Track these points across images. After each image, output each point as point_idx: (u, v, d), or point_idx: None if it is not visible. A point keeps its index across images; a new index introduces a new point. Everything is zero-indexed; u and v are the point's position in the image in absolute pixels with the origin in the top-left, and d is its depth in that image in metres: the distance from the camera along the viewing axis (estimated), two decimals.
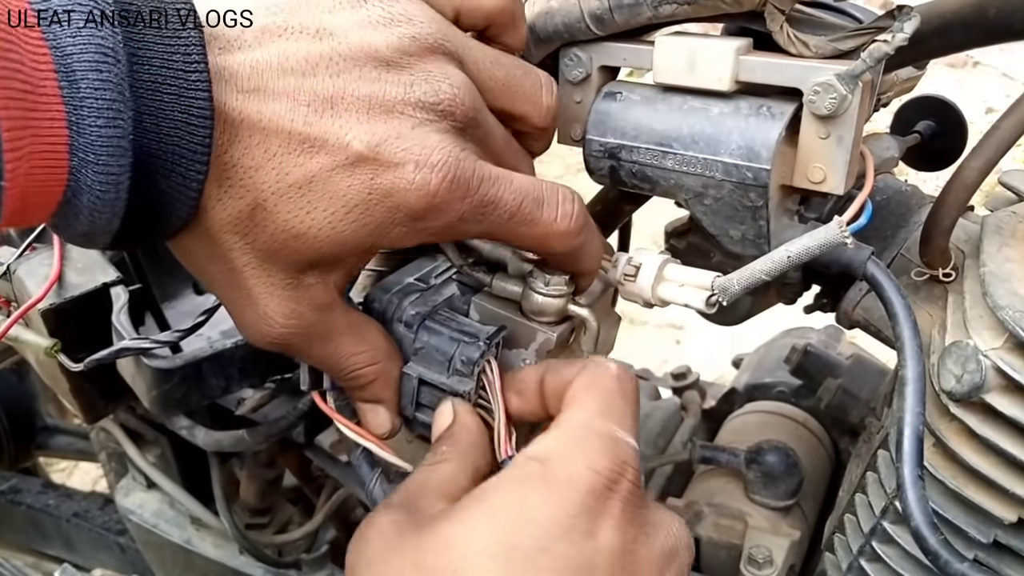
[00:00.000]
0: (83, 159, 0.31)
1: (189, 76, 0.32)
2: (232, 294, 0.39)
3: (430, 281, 0.47)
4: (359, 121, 0.35)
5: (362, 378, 0.43)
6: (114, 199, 0.32)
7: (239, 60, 0.34)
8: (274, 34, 0.35)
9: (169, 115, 0.32)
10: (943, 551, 0.41)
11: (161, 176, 0.33)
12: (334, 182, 0.35)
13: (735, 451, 0.75)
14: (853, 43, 0.43)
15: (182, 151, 0.33)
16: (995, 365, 0.44)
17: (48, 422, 1.26)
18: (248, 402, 0.68)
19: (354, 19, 0.37)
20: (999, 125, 0.47)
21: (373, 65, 0.36)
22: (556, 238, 0.40)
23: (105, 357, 0.54)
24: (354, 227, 0.36)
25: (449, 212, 0.37)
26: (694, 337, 2.57)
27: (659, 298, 0.45)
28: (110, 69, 0.30)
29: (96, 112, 0.30)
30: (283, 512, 0.90)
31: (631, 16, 0.47)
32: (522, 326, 0.45)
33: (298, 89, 0.35)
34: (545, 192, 0.40)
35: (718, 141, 0.46)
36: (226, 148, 0.34)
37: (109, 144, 0.31)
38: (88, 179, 0.31)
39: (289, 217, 0.35)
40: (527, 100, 0.43)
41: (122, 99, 0.31)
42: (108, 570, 1.10)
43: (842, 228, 0.41)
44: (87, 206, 0.32)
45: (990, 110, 3.65)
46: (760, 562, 0.68)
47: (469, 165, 0.37)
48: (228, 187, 0.35)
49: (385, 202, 0.36)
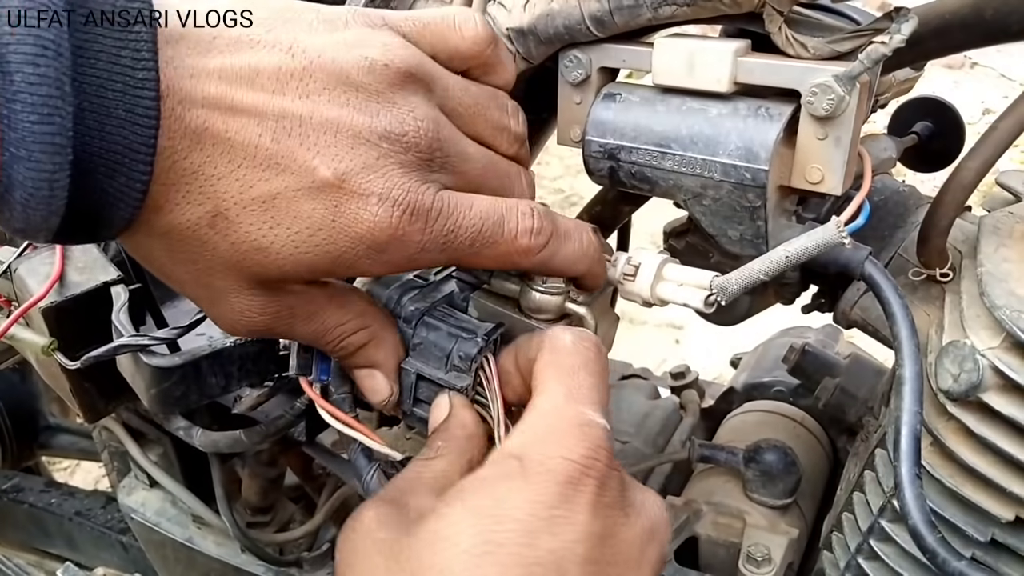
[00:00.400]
0: (14, 154, 0.30)
1: (136, 74, 0.31)
2: (201, 292, 0.39)
3: (429, 278, 0.48)
4: (327, 145, 0.35)
5: (351, 345, 0.43)
6: (48, 196, 0.31)
7: (210, 64, 0.34)
8: (247, 45, 0.35)
9: (113, 113, 0.31)
10: (941, 549, 0.41)
11: (103, 176, 0.32)
12: (298, 203, 0.35)
13: (734, 450, 0.75)
14: (851, 44, 0.44)
15: (125, 151, 0.32)
16: (992, 364, 0.44)
17: (50, 421, 1.26)
18: (246, 400, 0.68)
19: (329, 40, 0.37)
20: (996, 126, 0.47)
21: (343, 89, 0.36)
22: (519, 255, 0.41)
23: (103, 354, 0.55)
24: (317, 251, 0.36)
25: (410, 245, 0.37)
26: (693, 337, 2.58)
27: (658, 297, 0.45)
28: (48, 63, 0.29)
29: (29, 107, 0.29)
30: (284, 510, 0.90)
31: (631, 18, 0.47)
32: (520, 323, 0.45)
33: (267, 104, 0.35)
34: (505, 211, 0.40)
35: (717, 142, 0.46)
36: (186, 154, 0.34)
37: (42, 141, 0.30)
38: (20, 175, 0.30)
39: (251, 229, 0.35)
40: (494, 127, 0.43)
41: (60, 95, 0.30)
42: (110, 569, 1.10)
43: (840, 228, 0.41)
44: (20, 202, 0.31)
45: (987, 111, 3.64)
46: (759, 560, 0.68)
47: (428, 198, 0.37)
48: (187, 192, 0.34)
49: (348, 232, 0.36)
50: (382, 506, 0.37)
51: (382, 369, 0.44)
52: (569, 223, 0.43)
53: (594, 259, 0.44)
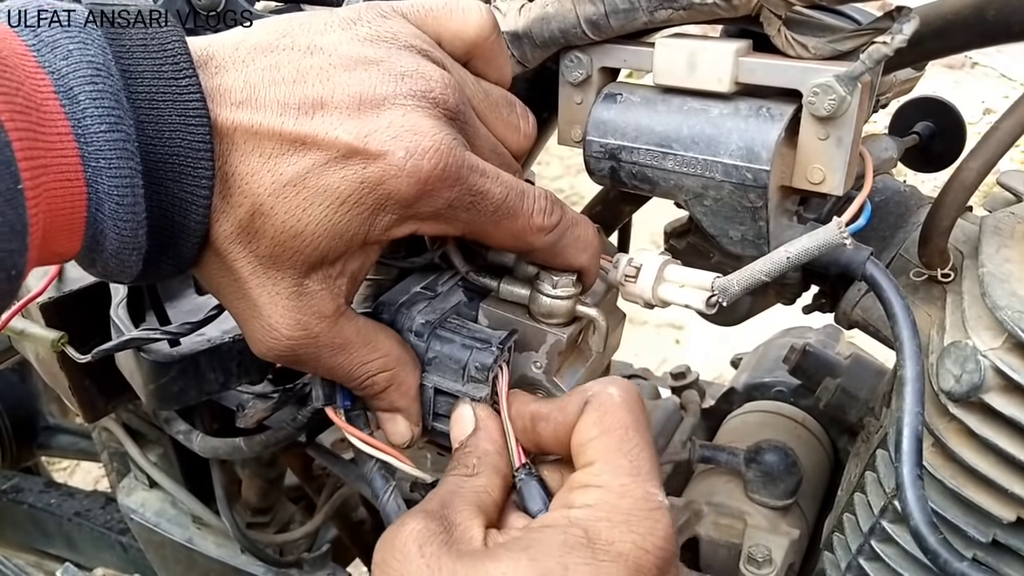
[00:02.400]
0: (96, 167, 0.32)
1: (180, 82, 0.34)
2: (239, 305, 0.39)
3: (437, 289, 0.47)
4: (349, 116, 0.36)
5: (375, 386, 0.43)
6: (132, 203, 0.33)
7: (233, 77, 0.36)
8: (266, 50, 0.37)
9: (168, 120, 0.33)
10: (942, 550, 0.41)
11: (173, 181, 0.34)
12: (327, 176, 0.36)
13: (734, 450, 0.75)
14: (852, 44, 0.44)
15: (186, 152, 0.34)
16: (994, 365, 0.44)
17: (50, 421, 1.26)
18: (250, 412, 0.68)
19: (344, 37, 0.38)
20: (998, 126, 0.47)
21: (363, 68, 0.37)
22: (534, 232, 0.41)
23: (113, 348, 0.54)
24: (348, 217, 0.37)
25: (438, 198, 0.38)
26: (693, 337, 2.58)
27: (660, 299, 0.45)
28: (104, 81, 0.32)
29: (98, 119, 0.32)
30: (284, 511, 0.90)
31: (627, 21, 0.47)
32: (532, 329, 0.45)
33: (288, 95, 0.36)
34: (525, 189, 0.41)
35: (718, 142, 0.46)
36: (225, 159, 0.35)
37: (116, 147, 0.32)
38: (104, 186, 0.32)
39: (286, 217, 0.36)
40: (507, 124, 0.44)
41: (120, 107, 0.32)
42: (110, 569, 1.10)
43: (841, 229, 0.41)
44: (110, 215, 0.33)
45: (988, 111, 3.65)
46: (759, 561, 0.68)
47: (459, 153, 0.38)
48: (229, 197, 0.36)
49: (377, 190, 0.36)
50: (426, 520, 0.37)
51: (404, 413, 0.44)
52: (575, 213, 0.44)
53: (596, 251, 0.45)
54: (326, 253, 0.37)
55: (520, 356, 0.45)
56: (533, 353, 0.45)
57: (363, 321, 0.42)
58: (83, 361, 0.56)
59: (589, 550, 0.34)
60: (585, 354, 0.47)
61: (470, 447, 0.41)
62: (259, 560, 0.84)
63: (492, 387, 0.43)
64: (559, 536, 0.35)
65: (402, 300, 0.46)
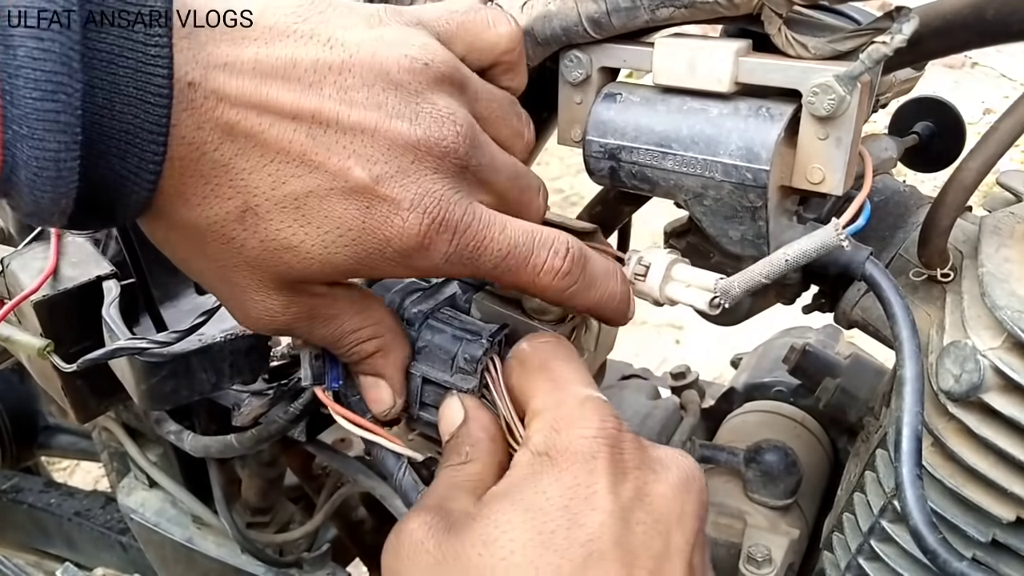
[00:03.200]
0: (17, 132, 0.29)
1: (148, 50, 0.30)
2: (222, 287, 0.38)
3: (431, 280, 0.48)
4: (363, 146, 0.35)
5: (362, 351, 0.43)
6: (55, 177, 0.30)
7: (244, 55, 0.33)
8: (283, 34, 0.34)
9: (123, 91, 0.30)
10: (942, 550, 0.41)
11: (116, 156, 0.31)
12: (330, 203, 0.35)
13: (734, 450, 0.75)
14: (852, 44, 0.44)
15: (137, 130, 0.31)
16: (993, 365, 0.44)
17: (50, 421, 1.26)
18: (245, 411, 0.68)
19: (367, 36, 0.36)
20: (997, 126, 0.47)
21: (381, 86, 0.35)
22: (540, 289, 0.41)
23: (99, 357, 0.54)
24: (344, 252, 0.36)
25: (435, 255, 0.37)
26: (693, 337, 2.58)
27: (667, 297, 0.46)
28: (54, 37, 0.28)
29: (32, 83, 0.28)
30: (284, 511, 0.90)
31: (628, 20, 0.47)
32: (524, 325, 0.45)
33: (302, 101, 0.34)
34: (536, 243, 0.39)
35: (717, 142, 0.46)
36: (216, 145, 0.33)
37: (45, 119, 0.29)
38: (24, 154, 0.29)
39: (282, 227, 0.35)
40: (513, 133, 0.43)
41: (67, 71, 0.29)
42: (110, 569, 1.10)
43: (838, 231, 0.41)
44: (25, 183, 0.30)
45: (988, 111, 3.65)
46: (759, 561, 0.68)
47: (460, 209, 0.37)
48: (216, 185, 0.34)
49: (376, 234, 0.36)
50: (426, 514, 0.37)
51: (388, 380, 0.44)
52: (600, 267, 0.42)
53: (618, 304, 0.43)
54: (315, 275, 0.37)
55: None
56: None
57: (357, 291, 0.42)
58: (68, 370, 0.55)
59: (553, 466, 0.36)
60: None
61: (461, 436, 0.42)
62: (259, 560, 0.84)
63: (480, 379, 0.43)
64: (528, 470, 0.37)
65: (396, 288, 0.46)
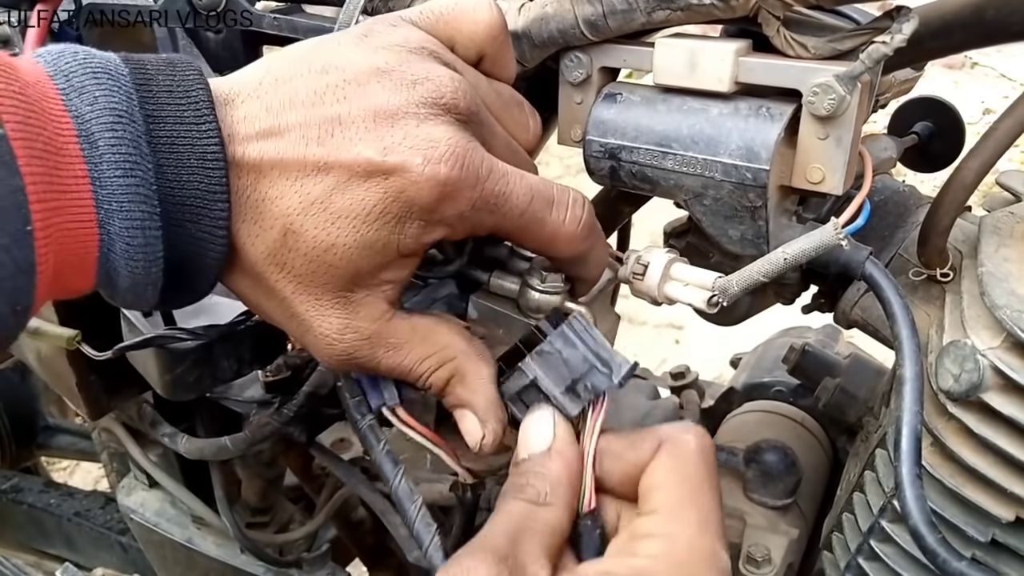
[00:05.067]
0: (108, 210, 0.34)
1: (200, 127, 0.36)
2: (291, 324, 0.41)
3: (428, 280, 0.48)
4: (367, 131, 0.37)
5: (438, 381, 0.42)
6: (143, 244, 0.35)
7: (256, 107, 0.37)
8: (285, 79, 0.38)
9: (187, 164, 0.35)
10: (941, 550, 0.41)
11: (191, 222, 0.36)
12: (351, 191, 0.37)
13: (734, 450, 0.75)
14: (852, 44, 0.44)
15: (204, 194, 0.36)
16: (993, 364, 0.44)
17: (50, 421, 1.26)
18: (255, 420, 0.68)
19: (357, 52, 0.39)
20: (997, 126, 0.47)
21: (376, 79, 0.38)
22: (563, 241, 0.41)
23: (135, 345, 0.55)
24: (376, 229, 0.37)
25: (461, 200, 0.38)
26: (693, 337, 2.58)
27: (665, 296, 0.45)
28: (124, 128, 0.34)
29: (114, 165, 0.33)
30: (284, 511, 0.90)
31: (625, 22, 0.47)
32: (519, 323, 0.45)
33: (308, 118, 0.37)
34: (556, 193, 0.41)
35: (717, 142, 0.46)
36: (254, 187, 0.37)
37: (128, 191, 0.34)
38: (115, 227, 0.34)
39: (317, 232, 0.37)
40: (517, 123, 0.44)
41: (139, 153, 0.34)
42: (109, 569, 1.10)
43: (838, 230, 0.41)
44: (121, 255, 0.35)
45: (988, 111, 3.64)
46: (759, 561, 0.68)
47: (478, 155, 0.38)
48: (260, 221, 0.37)
49: (400, 199, 0.37)
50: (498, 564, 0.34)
51: (472, 407, 0.42)
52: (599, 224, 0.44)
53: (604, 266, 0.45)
54: (360, 266, 0.38)
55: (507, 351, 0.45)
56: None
57: (419, 318, 0.42)
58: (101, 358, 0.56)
59: None
60: None
61: (542, 469, 0.38)
62: (259, 560, 0.84)
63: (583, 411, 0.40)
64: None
65: None
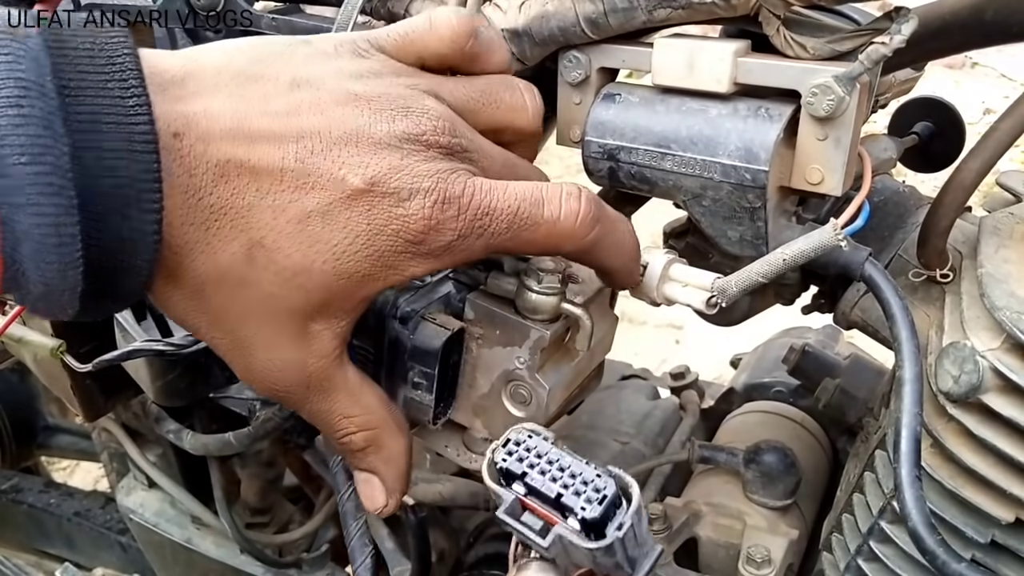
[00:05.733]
0: (12, 204, 0.28)
1: (127, 102, 0.30)
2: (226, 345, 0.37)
3: (425, 280, 0.48)
4: (350, 155, 0.35)
5: (353, 443, 0.41)
6: (58, 245, 0.29)
7: (220, 104, 0.34)
8: (251, 79, 0.35)
9: (110, 146, 0.30)
10: (941, 551, 0.41)
11: (115, 215, 0.30)
12: (333, 216, 0.35)
13: (733, 451, 0.75)
14: (851, 44, 0.44)
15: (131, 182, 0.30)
16: (992, 366, 0.44)
17: (50, 421, 1.26)
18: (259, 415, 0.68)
19: (328, 69, 0.37)
20: (997, 126, 0.47)
21: (354, 104, 0.36)
22: (563, 238, 0.39)
23: (116, 358, 0.54)
24: (357, 257, 0.36)
25: (446, 233, 0.37)
26: (693, 337, 2.57)
27: (664, 297, 0.45)
28: (32, 104, 0.28)
29: (19, 150, 0.28)
30: (283, 511, 0.90)
31: (625, 20, 0.47)
32: (515, 323, 0.45)
33: (284, 126, 0.35)
34: (545, 193, 0.39)
35: (716, 142, 0.46)
36: (211, 189, 0.33)
37: (37, 183, 0.28)
38: (23, 224, 0.29)
39: (291, 253, 0.35)
40: (510, 108, 0.43)
41: (50, 134, 0.28)
42: (109, 569, 1.10)
43: (837, 231, 0.41)
44: (30, 257, 0.29)
45: (988, 111, 3.64)
46: (758, 561, 0.68)
47: (458, 183, 0.37)
48: (218, 229, 0.34)
49: (384, 231, 0.36)
50: None
51: (383, 479, 0.42)
52: (615, 214, 0.42)
53: (634, 253, 0.43)
54: (334, 294, 0.36)
55: (503, 350, 0.45)
56: (516, 348, 0.45)
57: (352, 370, 0.41)
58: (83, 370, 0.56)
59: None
60: (572, 353, 0.47)
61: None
62: (258, 560, 0.84)
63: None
64: None
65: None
